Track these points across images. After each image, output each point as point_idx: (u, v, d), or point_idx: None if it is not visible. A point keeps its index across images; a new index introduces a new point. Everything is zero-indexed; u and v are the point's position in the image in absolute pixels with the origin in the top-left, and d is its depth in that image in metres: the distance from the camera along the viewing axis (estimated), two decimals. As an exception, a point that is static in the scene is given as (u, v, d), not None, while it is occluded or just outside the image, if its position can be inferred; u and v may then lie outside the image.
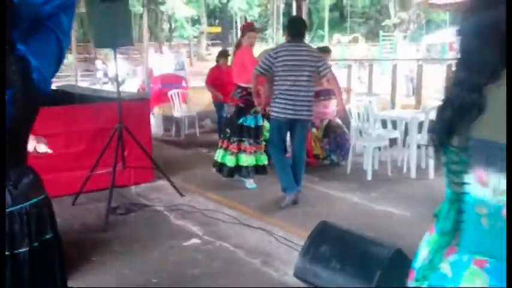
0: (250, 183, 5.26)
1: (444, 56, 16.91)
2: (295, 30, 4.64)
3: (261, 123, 5.30)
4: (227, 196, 4.95)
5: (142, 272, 3.33)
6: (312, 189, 5.15)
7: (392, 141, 5.97)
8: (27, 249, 1.57)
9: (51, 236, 1.67)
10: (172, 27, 31.83)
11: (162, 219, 4.36)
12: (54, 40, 1.60)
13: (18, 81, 1.50)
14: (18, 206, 1.57)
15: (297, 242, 3.50)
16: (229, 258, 3.53)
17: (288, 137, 4.87)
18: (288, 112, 4.48)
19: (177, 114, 8.62)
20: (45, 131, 2.81)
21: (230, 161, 5.19)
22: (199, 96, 8.66)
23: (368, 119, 5.82)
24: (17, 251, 1.56)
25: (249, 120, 5.16)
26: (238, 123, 5.16)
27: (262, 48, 8.17)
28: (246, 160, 5.17)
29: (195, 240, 3.86)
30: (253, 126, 5.19)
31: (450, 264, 1.08)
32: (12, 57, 1.50)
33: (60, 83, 8.81)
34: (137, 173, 5.05)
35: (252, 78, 4.69)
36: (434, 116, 1.14)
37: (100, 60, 17.06)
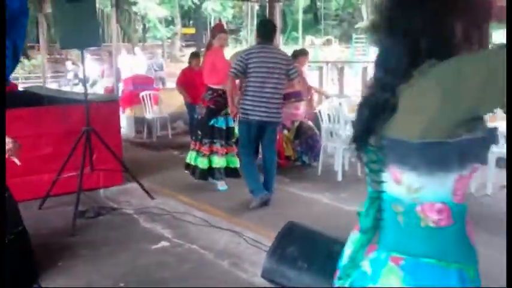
0: (221, 185, 5.26)
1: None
2: (265, 32, 4.69)
3: (232, 125, 5.31)
4: (198, 198, 4.93)
5: (110, 275, 3.30)
6: (283, 190, 5.17)
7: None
8: None
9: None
10: (145, 28, 31.52)
11: (131, 223, 4.32)
12: None
13: None
14: None
15: (267, 243, 3.48)
16: (199, 261, 3.53)
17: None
18: (257, 114, 4.50)
19: (148, 115, 8.54)
20: (11, 132, 2.75)
21: (202, 163, 5.17)
22: (172, 98, 8.61)
23: (339, 121, 5.89)
24: None
25: (220, 122, 5.16)
26: (209, 124, 5.15)
27: (236, 50, 8.18)
28: (219, 162, 5.17)
29: (164, 243, 3.84)
30: (224, 127, 5.19)
31: (370, 262, 1.10)
32: None
33: (28, 84, 8.62)
34: (106, 176, 4.98)
35: (227, 82, 4.68)
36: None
37: (70, 61, 16.77)
